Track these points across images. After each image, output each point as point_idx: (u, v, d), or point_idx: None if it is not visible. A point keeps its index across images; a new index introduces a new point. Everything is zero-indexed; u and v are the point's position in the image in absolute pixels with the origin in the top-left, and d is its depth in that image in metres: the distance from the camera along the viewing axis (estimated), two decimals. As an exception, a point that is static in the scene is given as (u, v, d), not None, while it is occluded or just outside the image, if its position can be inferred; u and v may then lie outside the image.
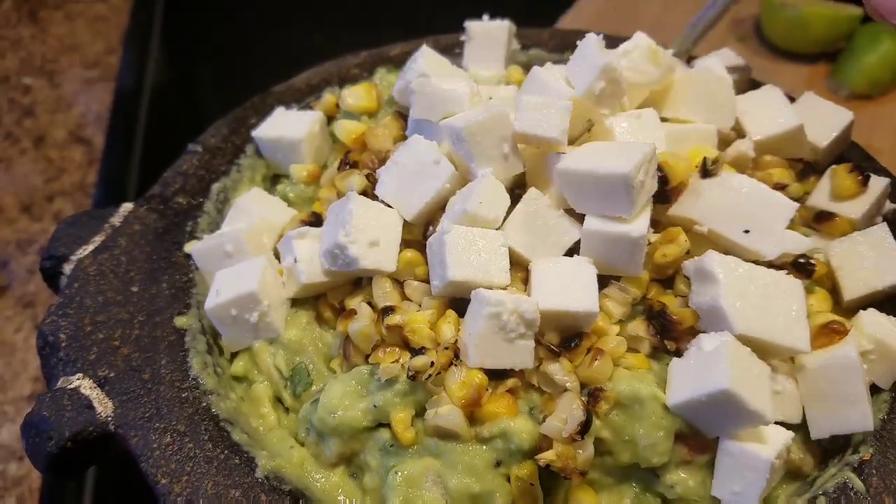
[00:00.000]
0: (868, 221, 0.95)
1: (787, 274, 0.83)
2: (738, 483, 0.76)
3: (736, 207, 0.86)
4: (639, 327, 0.84)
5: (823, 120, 1.03)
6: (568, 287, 0.81)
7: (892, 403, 0.83)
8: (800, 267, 0.86)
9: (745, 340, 0.77)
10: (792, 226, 0.88)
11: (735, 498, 0.77)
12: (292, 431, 0.90)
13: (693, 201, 0.88)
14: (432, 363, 0.78)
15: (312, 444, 0.87)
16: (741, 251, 0.85)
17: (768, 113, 1.01)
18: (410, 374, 0.79)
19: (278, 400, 0.93)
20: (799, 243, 0.88)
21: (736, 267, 0.81)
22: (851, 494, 0.76)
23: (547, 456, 0.76)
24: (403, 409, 0.81)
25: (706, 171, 0.89)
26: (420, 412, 0.82)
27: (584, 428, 0.76)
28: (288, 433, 0.89)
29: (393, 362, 0.82)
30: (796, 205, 0.86)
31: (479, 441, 0.80)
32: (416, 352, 0.81)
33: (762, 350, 0.78)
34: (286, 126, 1.08)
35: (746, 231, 0.85)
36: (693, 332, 0.82)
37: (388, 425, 0.82)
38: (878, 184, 0.96)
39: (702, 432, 0.79)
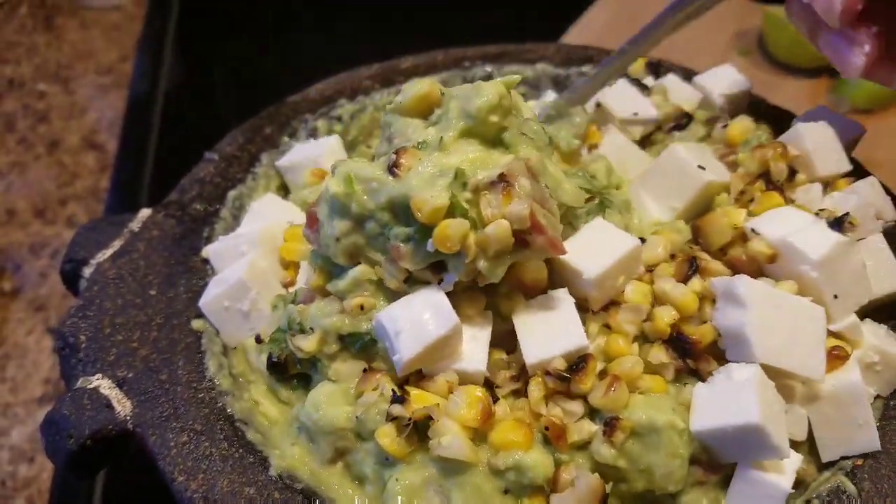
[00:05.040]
0: None
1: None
2: None
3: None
4: (660, 353, 0.83)
5: (834, 130, 1.04)
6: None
7: (884, 410, 0.85)
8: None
9: (764, 368, 0.77)
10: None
11: None
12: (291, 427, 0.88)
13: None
14: (409, 420, 0.76)
15: (305, 443, 0.85)
16: None
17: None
18: (390, 418, 0.77)
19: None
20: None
21: (765, 294, 0.80)
22: (844, 498, 0.78)
23: None
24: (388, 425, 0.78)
25: None
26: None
27: None
28: (288, 430, 0.88)
29: (373, 390, 0.80)
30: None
31: (490, 471, 0.76)
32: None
33: (778, 375, 0.79)
34: (307, 151, 1.11)
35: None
36: (713, 350, 0.83)
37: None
38: None
39: (716, 457, 0.79)
